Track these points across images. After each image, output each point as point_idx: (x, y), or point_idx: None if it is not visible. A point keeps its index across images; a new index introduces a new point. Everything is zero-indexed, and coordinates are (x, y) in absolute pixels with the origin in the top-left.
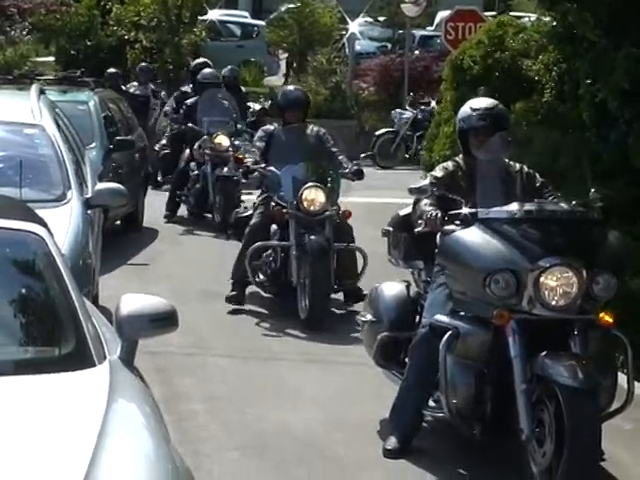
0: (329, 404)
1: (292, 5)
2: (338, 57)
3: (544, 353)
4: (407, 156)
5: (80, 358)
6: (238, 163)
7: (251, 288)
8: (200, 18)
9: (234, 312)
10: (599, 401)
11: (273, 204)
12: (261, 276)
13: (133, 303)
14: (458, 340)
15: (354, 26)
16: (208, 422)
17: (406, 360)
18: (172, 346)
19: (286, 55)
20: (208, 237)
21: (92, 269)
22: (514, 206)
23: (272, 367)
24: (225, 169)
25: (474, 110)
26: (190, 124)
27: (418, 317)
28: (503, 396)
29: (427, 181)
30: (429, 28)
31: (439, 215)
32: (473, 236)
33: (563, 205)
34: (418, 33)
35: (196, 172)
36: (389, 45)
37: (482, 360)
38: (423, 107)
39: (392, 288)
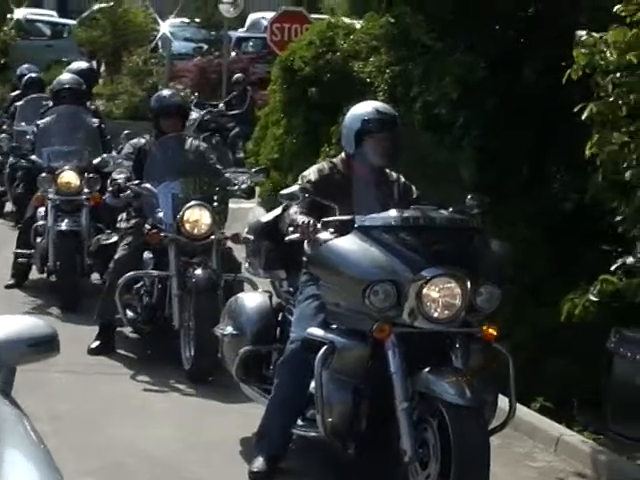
0: (184, 421)
1: (104, 4)
2: (154, 58)
3: (427, 369)
4: None
5: None
6: (97, 208)
7: None
8: (8, 16)
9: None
10: (486, 418)
11: (148, 227)
12: (130, 313)
13: (9, 325)
14: (334, 355)
15: (165, 27)
16: (58, 444)
17: (267, 374)
18: None
19: (99, 55)
20: None
21: None
22: (393, 213)
23: (118, 382)
24: (65, 221)
25: (381, 113)
26: (33, 156)
27: (279, 329)
28: (382, 414)
29: (297, 186)
30: (241, 30)
31: (312, 222)
32: (351, 245)
33: (443, 212)
34: (233, 35)
35: (42, 222)
36: (205, 46)
37: (359, 376)
38: (211, 108)
39: (253, 299)
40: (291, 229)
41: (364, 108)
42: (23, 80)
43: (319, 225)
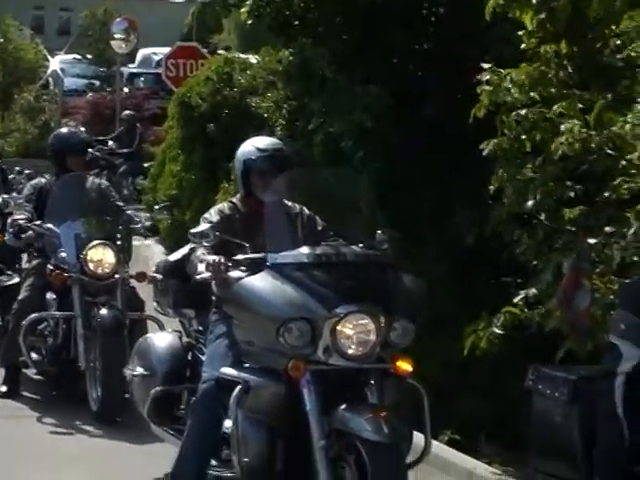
0: (93, 464)
1: None
2: (46, 95)
3: (343, 406)
4: None
5: None
6: None
7: None
8: None
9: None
10: (404, 455)
11: (51, 267)
12: (34, 355)
13: None
14: (249, 394)
15: (55, 63)
16: None
17: (178, 414)
18: None
19: None
20: None
21: None
22: (304, 250)
23: (25, 426)
24: None
25: (261, 150)
26: None
27: (190, 369)
28: (298, 452)
29: (207, 225)
30: (131, 65)
31: (222, 261)
32: (264, 283)
33: (355, 248)
34: (125, 70)
35: None
36: (97, 82)
37: (275, 414)
38: (100, 145)
39: (163, 339)
40: (202, 268)
41: (245, 148)
42: None
43: (230, 263)
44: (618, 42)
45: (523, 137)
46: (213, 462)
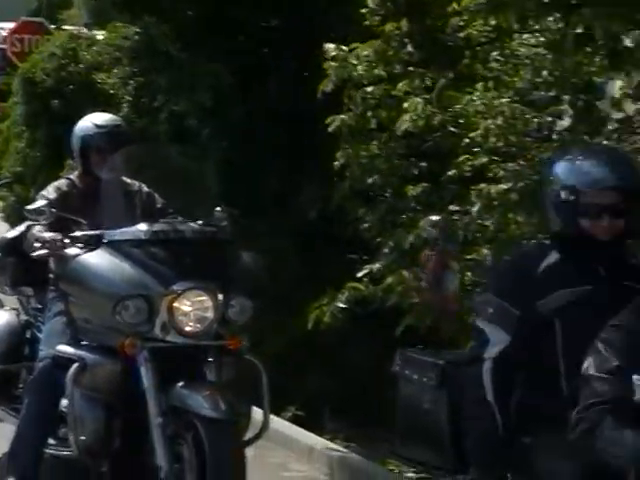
0: None
1: None
2: None
3: (181, 383)
4: None
5: None
6: None
7: None
8: None
9: None
10: (241, 431)
11: None
12: None
13: None
14: (85, 372)
15: None
16: None
17: (16, 393)
18: None
19: None
20: None
21: None
22: (142, 227)
23: None
24: None
25: (99, 127)
26: None
27: (28, 347)
28: (136, 430)
29: (43, 202)
30: None
31: (59, 238)
32: (101, 260)
33: (193, 225)
34: None
35: None
36: None
37: (112, 392)
38: None
39: (1, 317)
40: (38, 245)
41: (83, 124)
42: None
43: (67, 240)
44: (461, 22)
45: (369, 114)
46: (50, 441)
